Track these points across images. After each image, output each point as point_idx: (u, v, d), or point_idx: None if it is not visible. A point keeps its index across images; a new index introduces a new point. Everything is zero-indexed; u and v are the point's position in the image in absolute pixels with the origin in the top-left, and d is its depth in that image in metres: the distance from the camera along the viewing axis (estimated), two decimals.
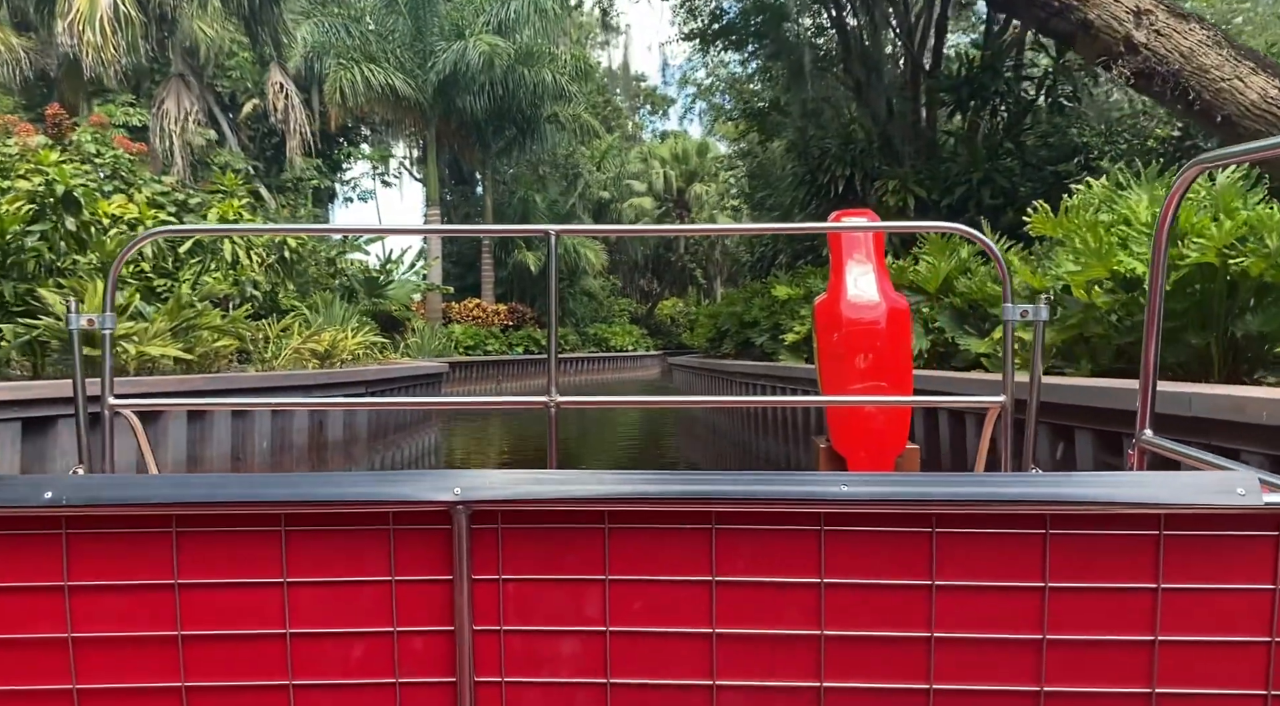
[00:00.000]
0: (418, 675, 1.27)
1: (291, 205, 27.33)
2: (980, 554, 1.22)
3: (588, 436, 16.04)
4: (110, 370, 2.33)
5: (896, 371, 3.56)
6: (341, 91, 28.68)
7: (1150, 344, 1.69)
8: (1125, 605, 1.21)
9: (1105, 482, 1.20)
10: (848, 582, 1.23)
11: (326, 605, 1.26)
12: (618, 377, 37.05)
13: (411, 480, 1.22)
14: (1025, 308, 2.21)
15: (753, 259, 20.24)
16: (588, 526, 1.24)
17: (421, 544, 1.25)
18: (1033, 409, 2.25)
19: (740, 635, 1.25)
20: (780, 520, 1.23)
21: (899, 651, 1.24)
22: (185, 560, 1.24)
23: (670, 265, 50.28)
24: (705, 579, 1.24)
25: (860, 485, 1.20)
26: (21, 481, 1.24)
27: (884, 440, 3.56)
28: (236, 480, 1.23)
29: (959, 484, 1.20)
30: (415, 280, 31.51)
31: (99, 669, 1.25)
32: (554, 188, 39.54)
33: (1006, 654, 1.23)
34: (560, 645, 1.27)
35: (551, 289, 2.35)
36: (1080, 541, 1.21)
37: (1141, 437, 1.72)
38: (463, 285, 38.00)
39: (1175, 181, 1.59)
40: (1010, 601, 1.22)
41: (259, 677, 1.26)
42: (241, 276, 12.84)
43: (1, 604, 1.24)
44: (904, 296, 3.89)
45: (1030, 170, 12.50)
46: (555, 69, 32.07)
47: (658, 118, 58.57)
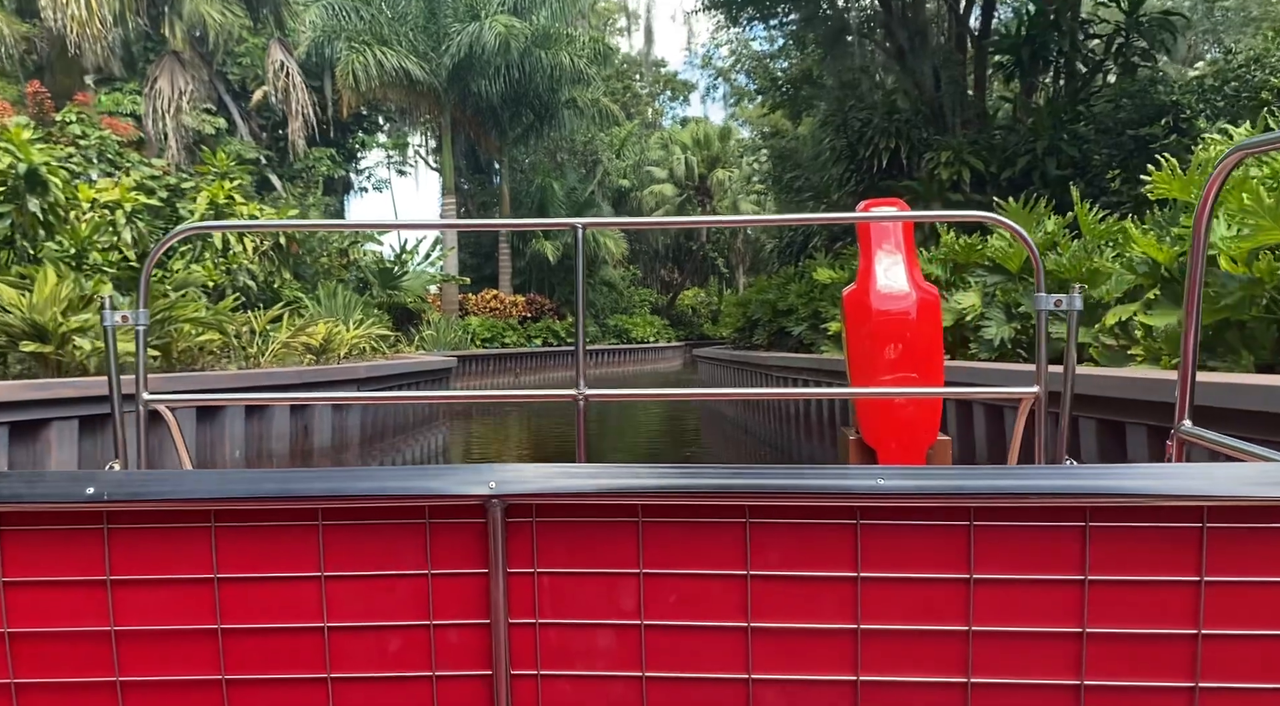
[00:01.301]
0: (454, 668, 1.28)
1: (301, 194, 26.35)
2: (1018, 547, 1.20)
3: (605, 437, 14.98)
4: (144, 366, 2.35)
5: (927, 362, 3.50)
6: (354, 76, 27.71)
7: (1190, 332, 1.68)
8: (1167, 598, 1.19)
9: (1146, 475, 1.18)
10: (884, 576, 1.22)
11: (363, 599, 1.27)
12: (639, 370, 35.90)
13: (447, 474, 1.22)
14: (1059, 297, 2.16)
15: (780, 244, 19.00)
16: (622, 520, 1.24)
17: (457, 537, 1.25)
18: (1067, 401, 2.23)
19: (775, 629, 1.25)
20: (815, 514, 1.22)
21: (936, 645, 1.22)
22: (224, 554, 1.25)
23: (692, 255, 49.09)
24: (740, 573, 1.24)
25: (897, 478, 1.18)
26: (63, 477, 1.30)
27: (915, 432, 3.50)
28: (274, 475, 1.24)
29: (997, 476, 1.19)
30: (431, 271, 30.68)
31: (141, 661, 1.27)
32: (572, 175, 38.39)
33: (1045, 648, 1.21)
34: (595, 638, 1.27)
35: (579, 282, 2.28)
36: (1120, 534, 1.19)
37: (1181, 429, 1.71)
38: (480, 276, 37.10)
39: (1216, 167, 1.58)
40: (1049, 595, 1.20)
41: (297, 671, 1.27)
42: (234, 264, 11.83)
43: (46, 597, 1.26)
44: (934, 286, 3.79)
45: (1105, 136, 11.23)
46: (573, 52, 31.00)
47: (678, 103, 57.31)
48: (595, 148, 40.64)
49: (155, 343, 8.81)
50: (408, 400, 12.88)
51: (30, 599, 1.25)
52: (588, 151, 40.72)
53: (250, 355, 8.91)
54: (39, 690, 1.28)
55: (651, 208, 44.41)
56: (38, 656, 1.27)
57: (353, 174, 35.91)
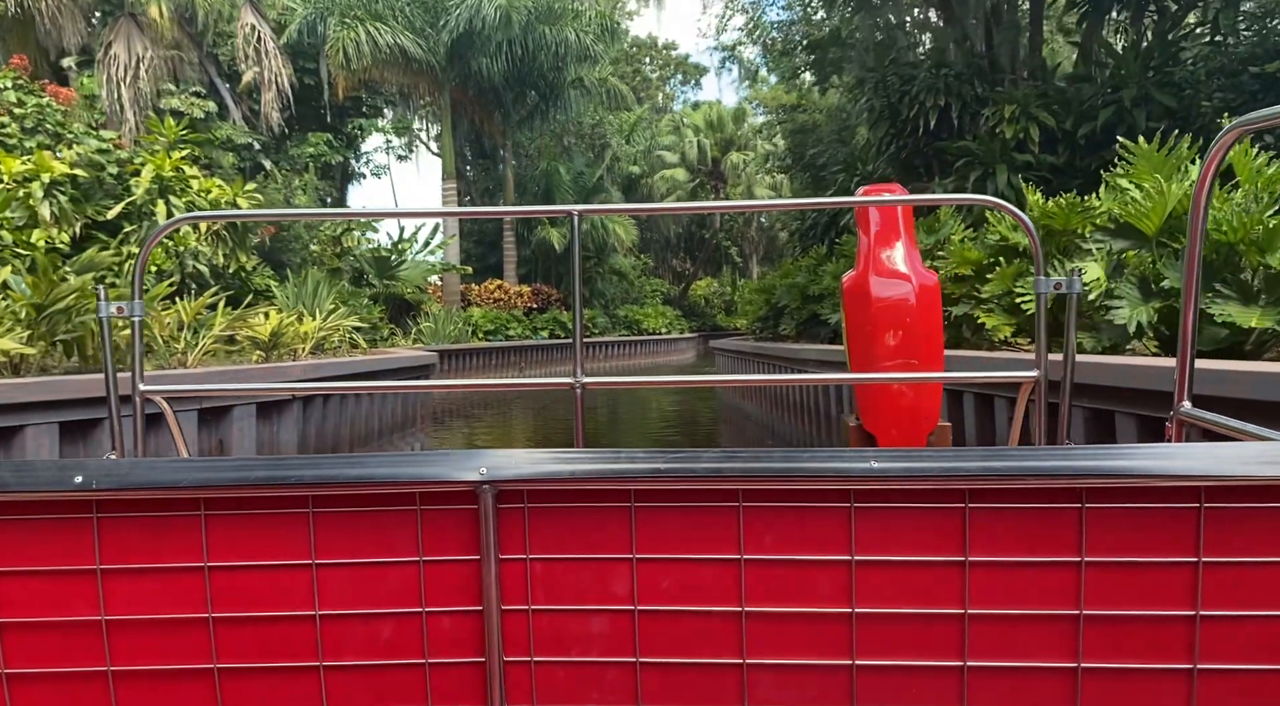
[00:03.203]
0: (446, 655, 1.27)
1: (286, 174, 24.69)
2: (1014, 529, 1.20)
3: (613, 440, 13.36)
4: (140, 357, 2.31)
5: (927, 348, 3.46)
6: (345, 53, 26.09)
7: (1189, 313, 1.69)
8: (1165, 580, 1.18)
9: (1143, 455, 1.18)
10: (879, 559, 1.22)
11: (355, 586, 1.26)
12: (651, 362, 34.11)
13: (437, 460, 1.21)
14: (1059, 280, 2.18)
15: (803, 225, 17.20)
16: (614, 505, 1.24)
17: (449, 524, 1.25)
18: (1067, 385, 2.22)
19: (770, 613, 1.24)
20: (809, 498, 1.22)
21: (932, 628, 1.22)
22: (214, 543, 1.25)
23: (704, 243, 47.27)
24: (734, 557, 1.23)
25: (890, 460, 1.17)
26: (52, 466, 1.24)
27: (915, 418, 3.46)
28: (264, 463, 1.22)
29: (992, 457, 1.18)
30: (431, 260, 29.10)
31: (131, 650, 1.27)
32: (580, 160, 36.58)
33: (1042, 630, 1.21)
34: (589, 624, 1.26)
35: (575, 270, 2.28)
36: (1118, 515, 1.18)
37: (1180, 410, 1.72)
38: (484, 265, 35.51)
39: (1213, 145, 1.59)
40: (1045, 577, 1.20)
41: (289, 659, 1.27)
42: (180, 247, 10.20)
43: (36, 587, 1.25)
44: (934, 272, 3.74)
45: (1216, 78, 9.42)
46: (579, 27, 29.29)
47: (690, 87, 55.40)
48: (603, 131, 38.85)
49: (66, 336, 7.21)
50: (392, 390, 11.62)
51: (20, 588, 1.25)
52: (595, 135, 38.95)
53: (176, 352, 7.29)
54: (30, 680, 1.27)
55: (663, 193, 42.64)
56: (29, 646, 1.27)
57: (352, 160, 34.21)
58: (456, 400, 20.47)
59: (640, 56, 50.32)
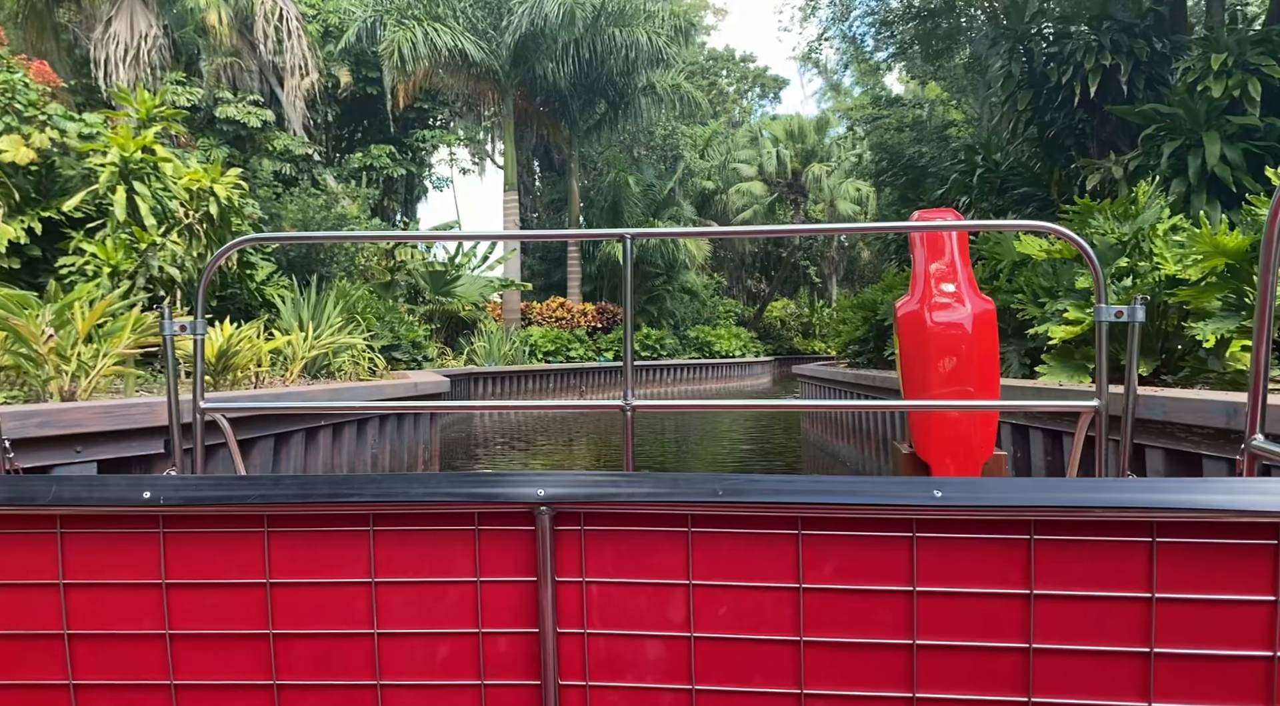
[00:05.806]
0: (502, 677, 1.27)
1: (340, 179, 23.13)
2: (1081, 562, 1.16)
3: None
4: (201, 375, 2.29)
5: (983, 376, 3.38)
6: (400, 53, 24.55)
7: (1261, 343, 1.62)
8: (1240, 618, 1.13)
9: (1217, 488, 1.12)
10: (941, 591, 1.19)
11: (413, 605, 1.26)
12: (723, 387, 31.37)
13: (497, 480, 1.22)
14: (1120, 308, 2.10)
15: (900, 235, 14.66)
16: (671, 530, 1.23)
17: (506, 545, 1.25)
18: (1128, 415, 2.18)
19: (829, 643, 1.22)
20: (870, 526, 1.20)
21: (996, 662, 1.19)
22: (276, 559, 1.25)
23: (781, 263, 44.61)
24: (793, 586, 1.22)
25: (956, 490, 1.16)
26: (122, 481, 1.26)
27: (970, 446, 3.38)
28: (326, 480, 1.23)
29: (1058, 489, 1.15)
30: (490, 276, 27.35)
31: (194, 664, 1.27)
32: (650, 171, 34.41)
33: (1110, 667, 1.17)
34: (644, 649, 1.25)
35: (627, 294, 2.27)
36: (1190, 550, 1.14)
37: (1252, 443, 1.62)
38: (547, 283, 33.68)
39: None
40: (1114, 612, 1.16)
41: (348, 677, 1.27)
42: (142, 244, 8.29)
43: (103, 599, 1.27)
44: (990, 299, 3.57)
45: None
46: (650, 29, 27.29)
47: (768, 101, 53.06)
48: (675, 141, 36.71)
49: None
50: (440, 410, 9.95)
51: (89, 600, 1.26)
52: (667, 146, 36.85)
53: (70, 374, 5.25)
54: (95, 691, 1.28)
55: (739, 208, 40.25)
56: (94, 657, 1.27)
57: (416, 172, 32.72)
58: (511, 424, 18.53)
59: (717, 68, 48.23)
